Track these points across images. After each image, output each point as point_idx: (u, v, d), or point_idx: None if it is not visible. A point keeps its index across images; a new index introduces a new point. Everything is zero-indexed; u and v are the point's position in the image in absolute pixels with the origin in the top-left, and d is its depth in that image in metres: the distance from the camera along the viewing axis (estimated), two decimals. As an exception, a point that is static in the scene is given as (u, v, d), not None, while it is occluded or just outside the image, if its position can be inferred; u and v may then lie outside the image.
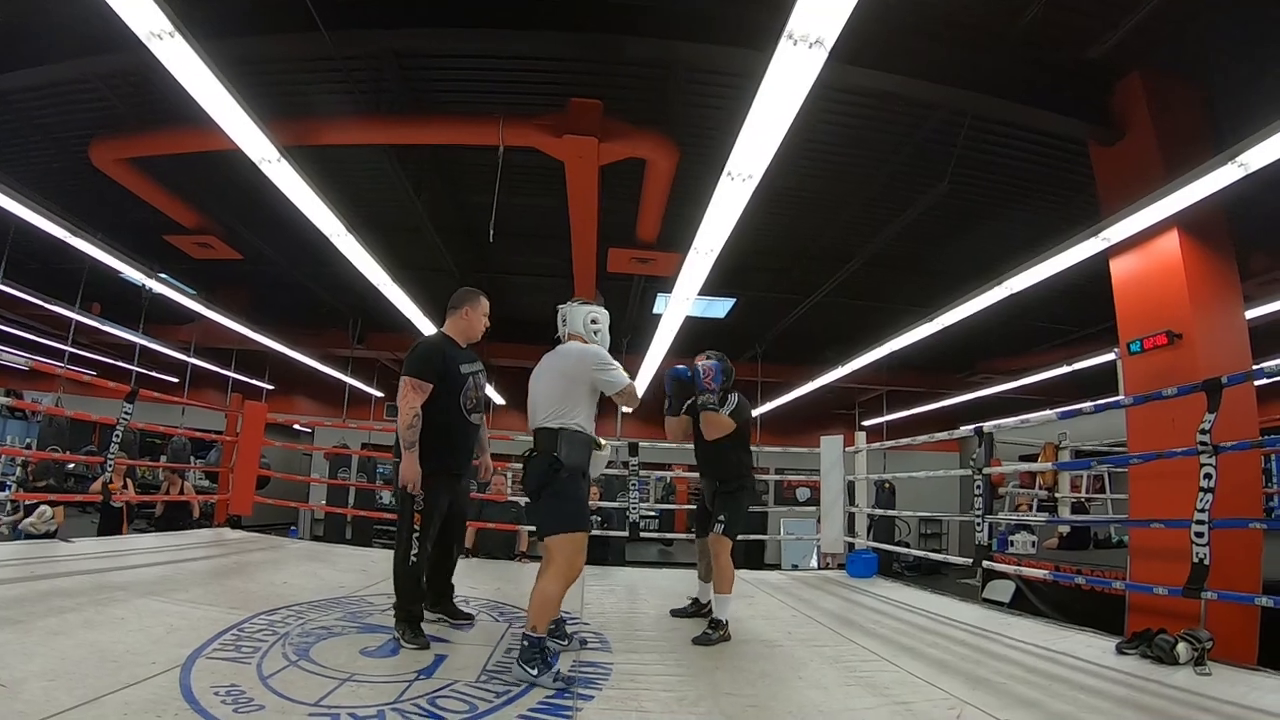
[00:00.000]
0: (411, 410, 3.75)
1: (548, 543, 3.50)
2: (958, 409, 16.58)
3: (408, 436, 3.73)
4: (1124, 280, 6.22)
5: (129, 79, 6.93)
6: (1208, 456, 3.91)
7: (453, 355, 4.01)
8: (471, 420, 4.07)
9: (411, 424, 3.73)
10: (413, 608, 3.79)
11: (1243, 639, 4.88)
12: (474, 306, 4.20)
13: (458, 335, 4.16)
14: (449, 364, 3.95)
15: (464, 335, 4.18)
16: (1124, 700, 3.27)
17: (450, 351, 4.02)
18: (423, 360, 3.89)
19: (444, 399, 3.90)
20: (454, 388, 3.96)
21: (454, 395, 3.96)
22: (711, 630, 4.16)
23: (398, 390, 3.88)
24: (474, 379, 4.07)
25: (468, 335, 4.19)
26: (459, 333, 4.17)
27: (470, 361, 4.09)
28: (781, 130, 4.72)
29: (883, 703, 3.16)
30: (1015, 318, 10.44)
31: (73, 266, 10.55)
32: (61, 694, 2.48)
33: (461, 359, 4.04)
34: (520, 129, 6.69)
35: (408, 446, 3.73)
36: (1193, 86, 6.14)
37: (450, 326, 4.19)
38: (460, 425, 4.01)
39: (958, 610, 5.51)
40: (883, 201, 8.74)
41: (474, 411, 4.08)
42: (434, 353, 3.95)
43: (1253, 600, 4.16)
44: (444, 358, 3.95)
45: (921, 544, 17.69)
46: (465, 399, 4.01)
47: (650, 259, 8.75)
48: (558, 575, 3.41)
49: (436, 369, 3.88)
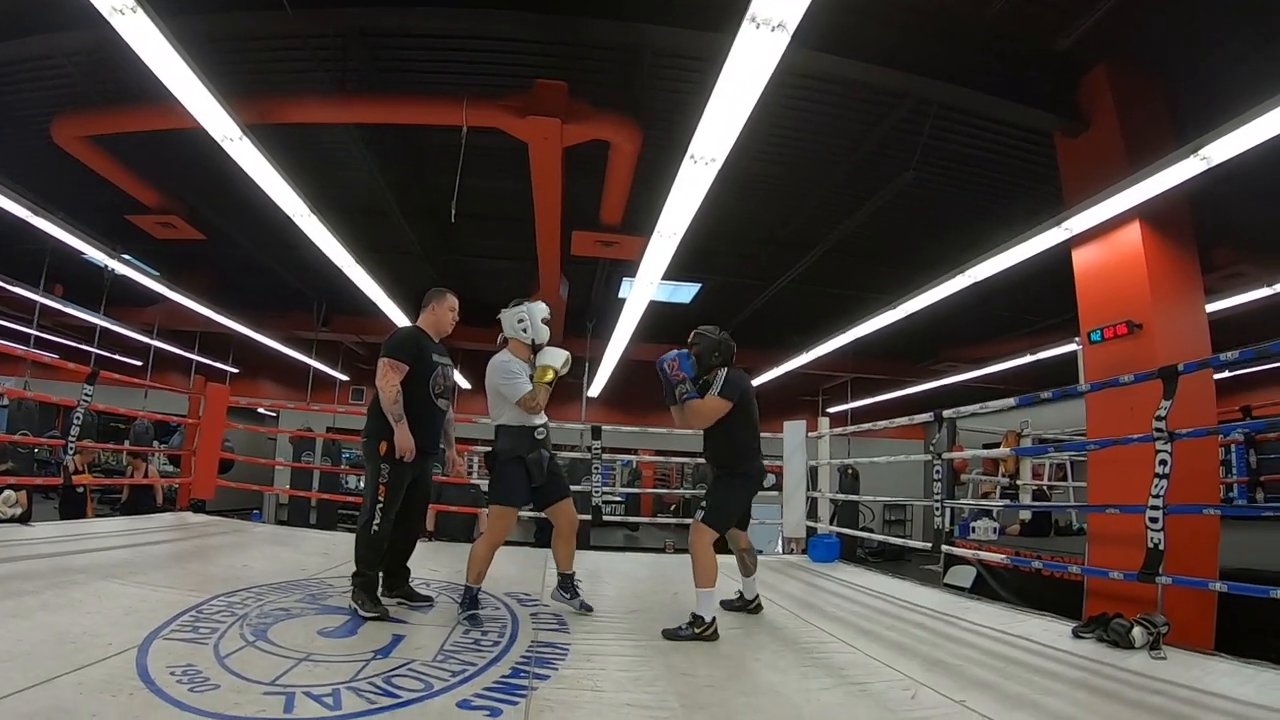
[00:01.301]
0: (393, 387, 4.05)
1: (488, 512, 4.27)
2: (921, 397, 16.69)
3: (395, 411, 4.03)
4: (1086, 270, 6.29)
5: (92, 55, 6.76)
6: (1163, 443, 3.99)
7: (425, 343, 4.31)
8: (438, 405, 4.34)
9: (396, 399, 4.04)
10: (369, 573, 3.99)
11: (1199, 625, 4.96)
12: (440, 303, 4.46)
13: (429, 329, 4.43)
14: (423, 351, 4.25)
15: (434, 329, 4.44)
16: (1078, 683, 3.34)
17: (423, 339, 4.33)
18: (399, 344, 4.20)
19: (415, 382, 4.18)
20: (425, 372, 4.24)
21: (424, 380, 4.24)
22: (685, 627, 3.91)
23: (377, 371, 4.14)
24: (442, 369, 4.36)
25: (438, 329, 4.45)
26: (430, 326, 4.43)
27: (440, 354, 4.38)
28: (744, 114, 4.75)
29: (839, 683, 3.20)
30: (978, 306, 10.54)
31: (34, 248, 10.35)
32: (16, 674, 2.47)
33: (433, 349, 4.33)
34: (485, 109, 6.64)
35: (397, 420, 4.02)
36: (1157, 80, 6.22)
37: (422, 321, 4.46)
38: (428, 407, 4.27)
39: (918, 595, 5.58)
40: (849, 188, 8.77)
41: (440, 397, 4.35)
42: (409, 339, 4.28)
43: (1207, 585, 4.24)
44: (418, 344, 4.26)
45: (885, 529, 17.88)
46: (434, 384, 4.29)
47: (614, 242, 8.77)
48: (487, 539, 4.16)
49: (412, 352, 4.18)
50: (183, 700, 2.44)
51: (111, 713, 2.30)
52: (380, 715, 2.48)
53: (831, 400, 19.23)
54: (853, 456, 13.14)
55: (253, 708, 2.44)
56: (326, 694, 2.61)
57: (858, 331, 10.90)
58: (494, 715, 2.58)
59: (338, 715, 2.45)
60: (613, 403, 17.04)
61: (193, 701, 2.44)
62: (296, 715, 2.43)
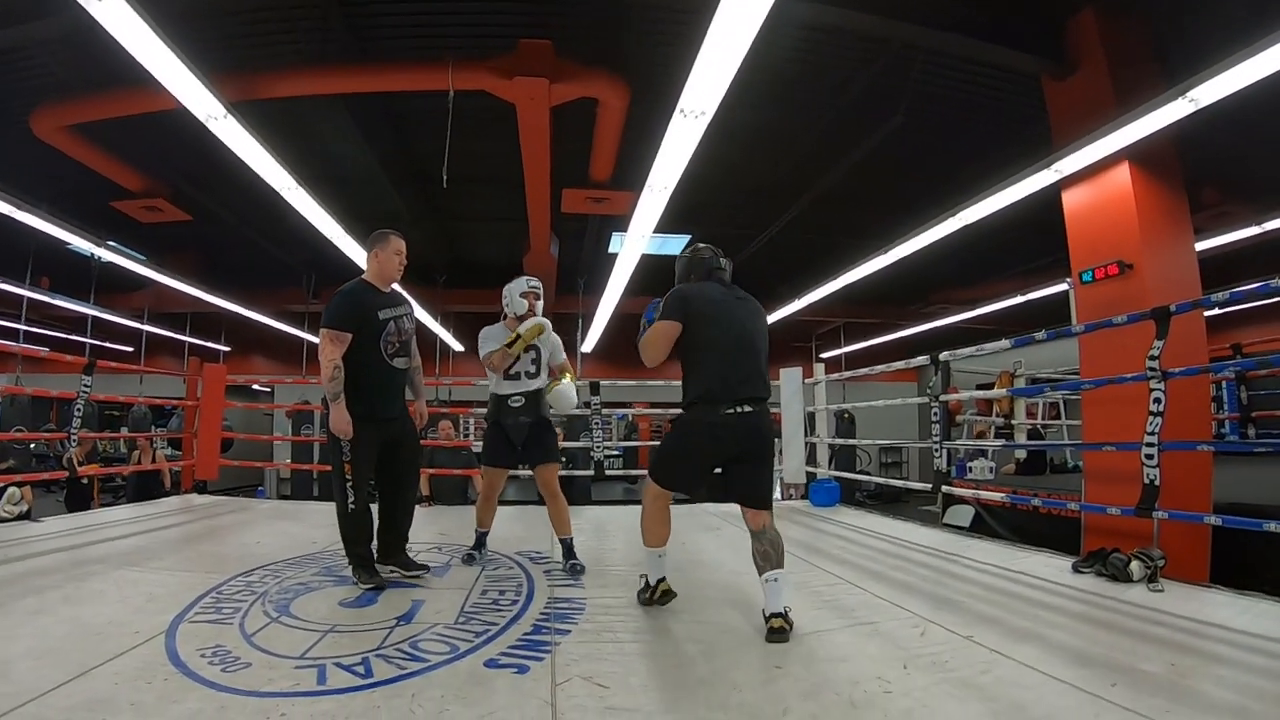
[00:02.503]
0: (331, 362, 3.77)
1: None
2: (914, 339, 16.85)
3: (331, 389, 3.76)
4: (1076, 212, 6.34)
5: (69, 43, 6.62)
6: (1157, 382, 4.07)
7: (369, 301, 3.98)
8: (395, 365, 4.04)
9: (333, 376, 3.76)
10: (359, 549, 3.90)
11: (1194, 558, 5.08)
12: (383, 248, 4.10)
13: (375, 279, 4.10)
14: (367, 310, 3.93)
15: (380, 279, 4.11)
16: (1081, 615, 3.43)
17: (366, 297, 3.99)
18: (336, 310, 3.89)
19: (364, 346, 3.89)
20: (374, 334, 3.93)
21: (374, 341, 3.93)
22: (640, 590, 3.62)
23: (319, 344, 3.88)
24: (395, 323, 4.02)
25: (384, 277, 4.12)
26: (375, 276, 4.10)
27: (392, 305, 4.06)
28: (734, 66, 4.72)
29: (850, 623, 3.28)
30: (969, 249, 10.55)
31: (18, 241, 10.27)
32: (51, 670, 2.49)
33: (380, 304, 4.00)
34: (470, 72, 6.58)
35: (333, 398, 3.76)
36: (1144, 22, 6.19)
37: (367, 272, 4.13)
38: (383, 371, 3.98)
39: (920, 535, 5.69)
40: (836, 135, 8.71)
41: (397, 356, 4.04)
42: (348, 302, 3.93)
43: (1202, 519, 4.35)
44: (359, 304, 3.94)
45: (882, 472, 18.02)
46: (385, 344, 3.97)
47: (605, 198, 8.77)
48: (480, 494, 4.68)
49: (354, 317, 3.88)
50: (217, 681, 2.48)
51: (149, 699, 2.32)
52: (412, 680, 2.54)
53: (825, 345, 19.37)
54: (848, 401, 13.25)
55: (286, 682, 2.49)
56: (356, 663, 2.67)
57: (849, 277, 10.96)
58: (522, 672, 2.64)
59: (370, 683, 2.50)
60: (606, 357, 17.02)
61: (227, 681, 2.48)
62: (330, 686, 2.47)
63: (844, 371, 8.57)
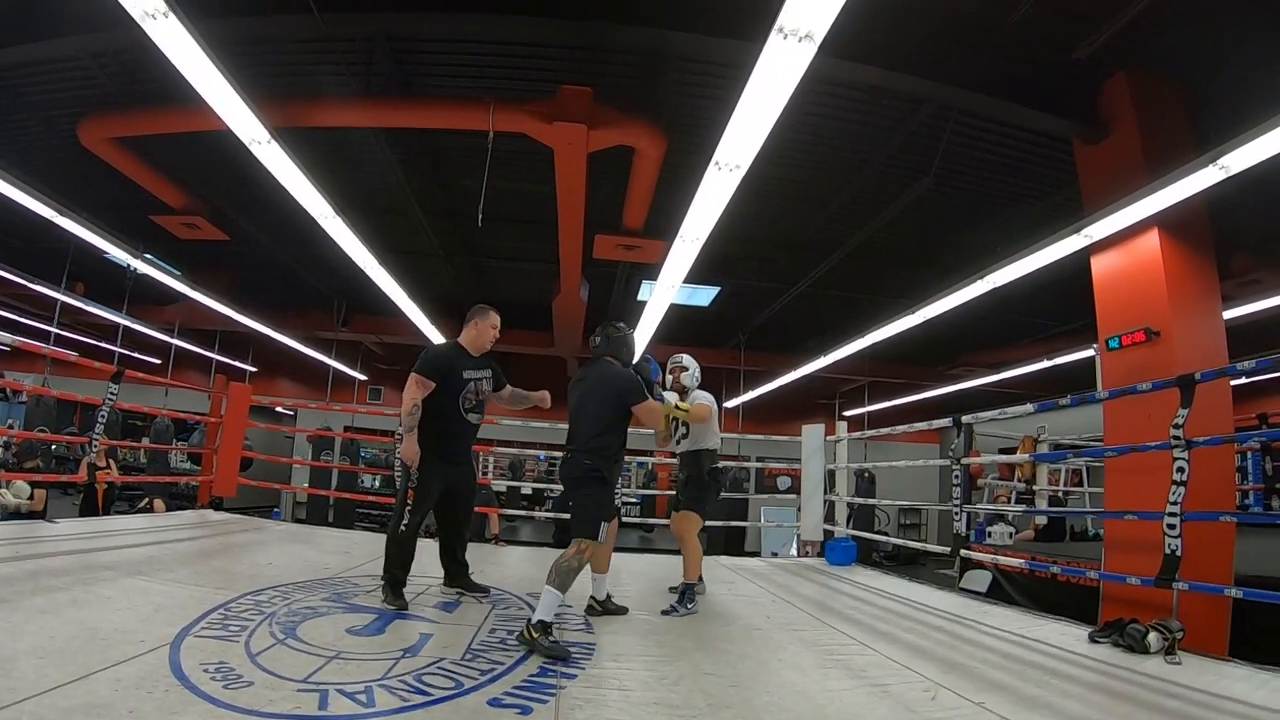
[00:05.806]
0: (412, 400, 4.27)
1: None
2: (939, 401, 16.71)
3: (407, 423, 4.26)
4: (1104, 277, 6.31)
5: (120, 58, 6.89)
6: (1180, 450, 4.00)
7: (457, 361, 4.51)
8: (469, 419, 4.54)
9: (411, 412, 4.26)
10: (397, 572, 4.21)
11: (1214, 630, 4.98)
12: (483, 319, 4.64)
13: (468, 344, 4.61)
14: (453, 367, 4.45)
15: (474, 345, 4.62)
16: (1095, 686, 3.35)
17: (455, 357, 4.53)
18: (428, 362, 4.42)
19: (444, 397, 4.39)
20: (454, 389, 4.44)
21: (454, 396, 4.44)
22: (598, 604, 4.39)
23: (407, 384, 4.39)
24: (475, 384, 4.54)
25: (477, 345, 4.63)
26: (469, 342, 4.62)
27: (476, 369, 4.56)
28: (770, 122, 4.78)
29: (860, 684, 3.23)
30: (997, 312, 10.53)
31: (57, 246, 10.51)
32: (52, 671, 2.51)
33: (467, 365, 4.52)
34: (510, 114, 6.68)
35: (407, 430, 4.26)
36: (1177, 88, 6.23)
37: (463, 336, 4.65)
38: (456, 421, 4.47)
39: (935, 598, 5.60)
40: (869, 193, 8.78)
41: (471, 411, 4.54)
42: (439, 357, 4.52)
43: (1223, 591, 4.24)
44: (447, 360, 4.48)
45: (900, 533, 17.81)
46: (464, 400, 4.48)
47: (636, 246, 8.80)
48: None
49: (440, 370, 4.39)
50: (217, 697, 2.47)
51: (148, 709, 2.32)
52: (413, 713, 2.52)
53: (849, 403, 19.21)
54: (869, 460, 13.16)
55: (287, 705, 2.48)
56: (359, 691, 2.66)
57: (876, 336, 10.91)
58: (525, 713, 2.62)
59: (371, 712, 2.49)
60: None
61: (227, 698, 2.47)
62: (331, 712, 2.47)
63: (866, 430, 8.49)
